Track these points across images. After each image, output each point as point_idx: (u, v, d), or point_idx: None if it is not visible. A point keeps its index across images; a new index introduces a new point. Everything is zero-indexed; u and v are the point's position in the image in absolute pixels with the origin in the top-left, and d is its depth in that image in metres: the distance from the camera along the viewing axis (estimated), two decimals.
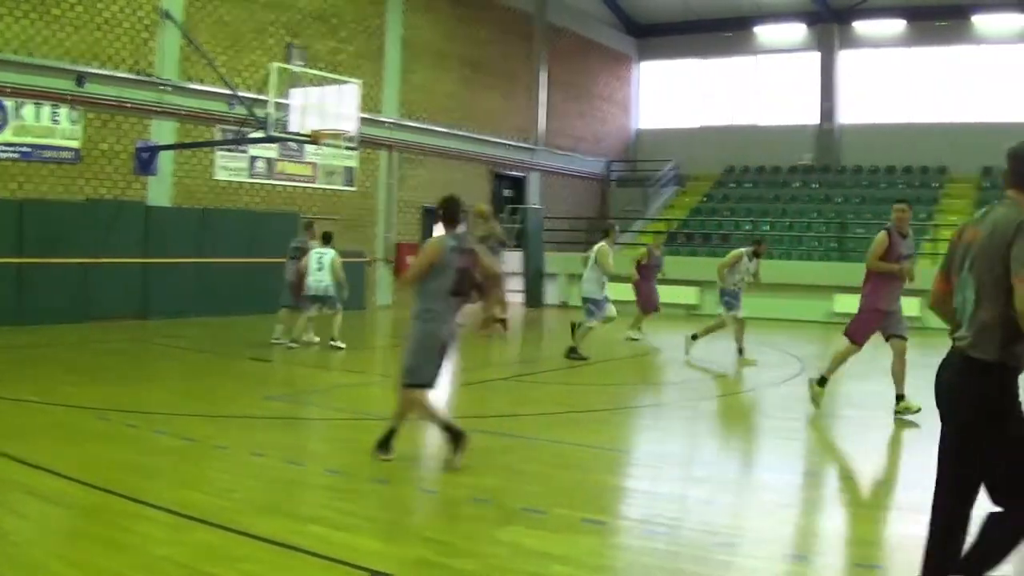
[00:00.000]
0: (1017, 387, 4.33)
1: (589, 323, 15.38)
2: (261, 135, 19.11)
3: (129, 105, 19.49)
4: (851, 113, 34.35)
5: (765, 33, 35.41)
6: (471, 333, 12.50)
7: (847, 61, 34.37)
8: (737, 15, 35.06)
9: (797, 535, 6.61)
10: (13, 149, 17.86)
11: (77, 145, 18.77)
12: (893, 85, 33.56)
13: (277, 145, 21.57)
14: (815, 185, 32.92)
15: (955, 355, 4.46)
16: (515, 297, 26.44)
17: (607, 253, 15.43)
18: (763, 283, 16.68)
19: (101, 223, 18.61)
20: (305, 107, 19.02)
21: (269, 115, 18.36)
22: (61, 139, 18.54)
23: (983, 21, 31.69)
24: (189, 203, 20.77)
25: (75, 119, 18.68)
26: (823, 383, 10.81)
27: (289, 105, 18.94)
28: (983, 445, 4.33)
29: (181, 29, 20.04)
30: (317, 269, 15.50)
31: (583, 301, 15.68)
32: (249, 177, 22.12)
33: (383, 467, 7.70)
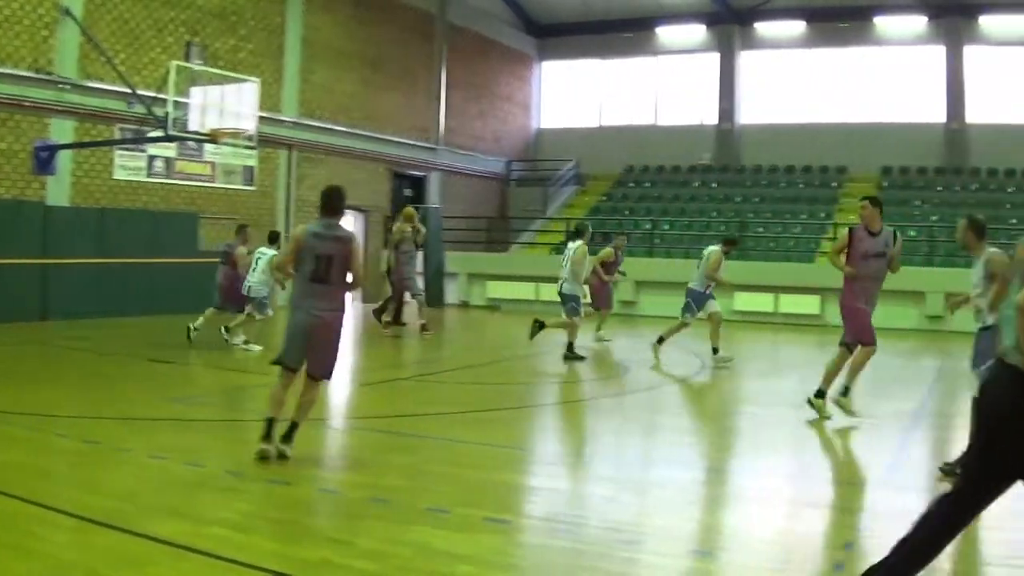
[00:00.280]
0: None
1: (574, 319, 15.99)
2: (160, 134, 19.40)
3: (28, 104, 19.87)
4: (751, 113, 36.02)
5: (666, 34, 36.95)
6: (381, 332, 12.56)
7: (747, 62, 36.10)
8: (638, 16, 36.47)
9: (701, 532, 6.88)
10: None
11: None
12: (793, 85, 35.26)
13: (176, 144, 21.95)
14: (715, 185, 34.45)
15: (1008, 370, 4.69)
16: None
17: (585, 254, 16.15)
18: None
19: None
20: (204, 106, 19.32)
21: (168, 114, 18.67)
22: None
23: (885, 23, 33.54)
24: (88, 203, 21.23)
25: None
26: (846, 392, 10.68)
27: (189, 104, 19.18)
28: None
29: (81, 27, 20.45)
30: (254, 270, 15.94)
31: (563, 299, 16.16)
32: (148, 177, 22.63)
33: (284, 468, 7.86)
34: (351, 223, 26.95)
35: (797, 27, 34.81)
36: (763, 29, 35.52)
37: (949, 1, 32.04)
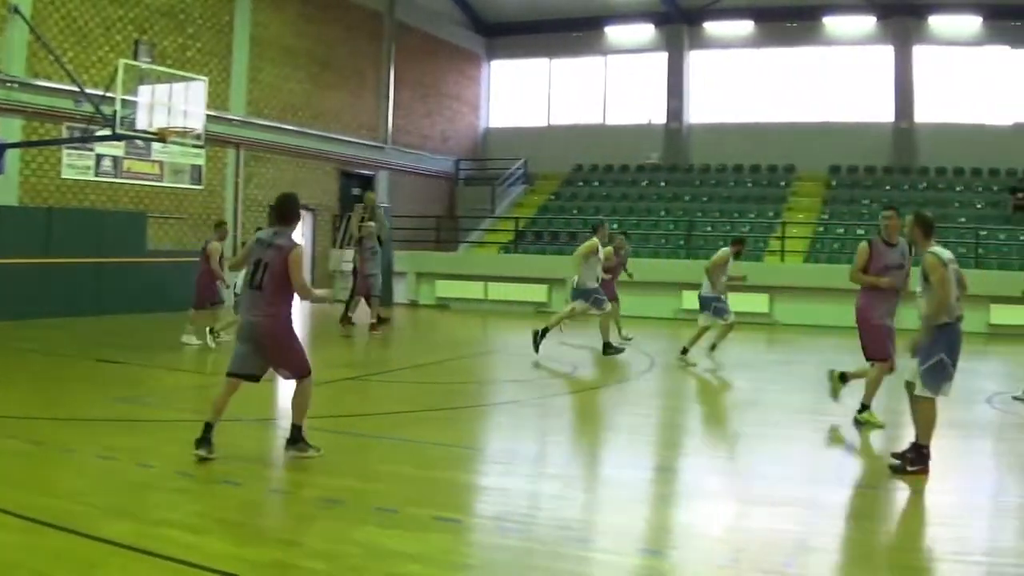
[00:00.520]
0: None
1: (602, 311, 16.35)
2: (108, 133, 19.56)
3: None
4: (699, 112, 36.98)
5: (614, 33, 37.89)
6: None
7: (696, 61, 37.12)
8: (587, 15, 37.34)
9: (650, 530, 7.02)
10: None
11: None
12: (742, 85, 36.25)
13: (124, 143, 22.30)
14: (663, 184, 35.33)
15: None
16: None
17: (588, 246, 16.26)
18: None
19: None
20: (152, 104, 19.53)
21: (116, 112, 18.85)
22: None
23: (834, 23, 34.64)
24: (36, 202, 21.65)
25: None
26: (864, 409, 10.70)
27: (137, 102, 19.34)
28: None
29: (29, 24, 20.78)
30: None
31: (585, 296, 16.28)
32: (96, 176, 23.07)
33: (234, 469, 8.00)
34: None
35: (746, 27, 35.82)
36: (712, 29, 36.50)
37: (898, 1, 33.18)
